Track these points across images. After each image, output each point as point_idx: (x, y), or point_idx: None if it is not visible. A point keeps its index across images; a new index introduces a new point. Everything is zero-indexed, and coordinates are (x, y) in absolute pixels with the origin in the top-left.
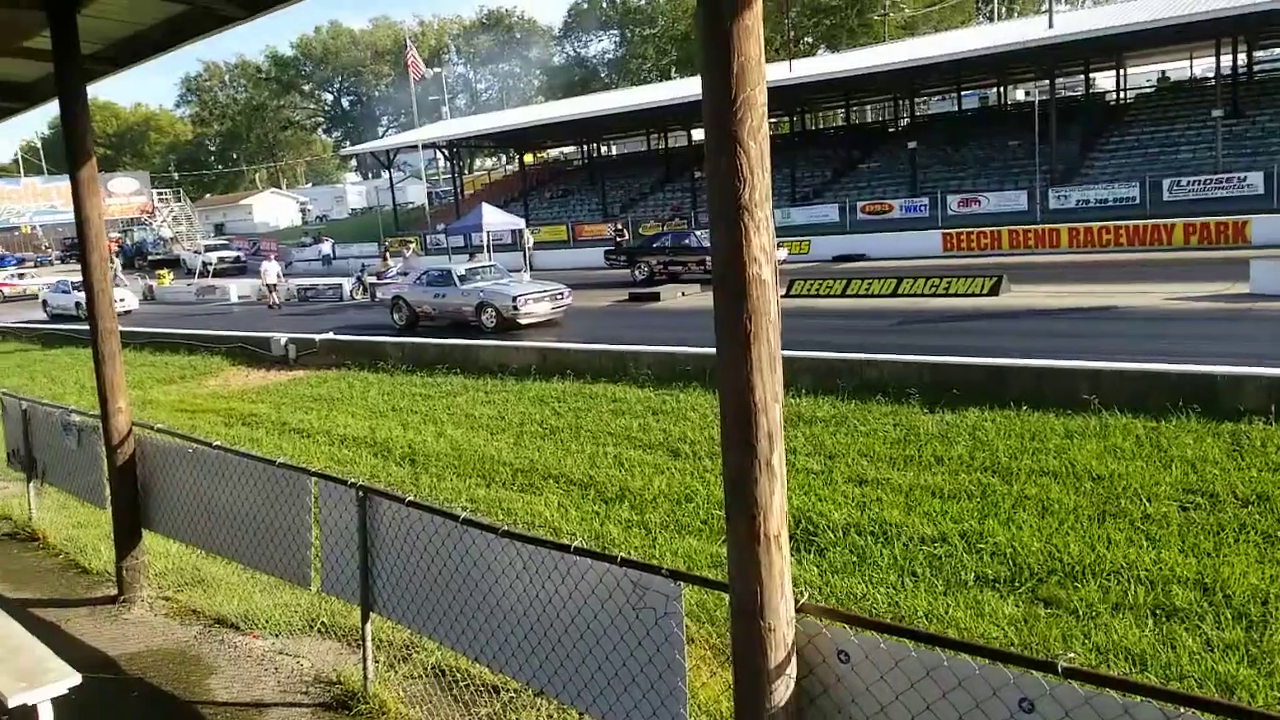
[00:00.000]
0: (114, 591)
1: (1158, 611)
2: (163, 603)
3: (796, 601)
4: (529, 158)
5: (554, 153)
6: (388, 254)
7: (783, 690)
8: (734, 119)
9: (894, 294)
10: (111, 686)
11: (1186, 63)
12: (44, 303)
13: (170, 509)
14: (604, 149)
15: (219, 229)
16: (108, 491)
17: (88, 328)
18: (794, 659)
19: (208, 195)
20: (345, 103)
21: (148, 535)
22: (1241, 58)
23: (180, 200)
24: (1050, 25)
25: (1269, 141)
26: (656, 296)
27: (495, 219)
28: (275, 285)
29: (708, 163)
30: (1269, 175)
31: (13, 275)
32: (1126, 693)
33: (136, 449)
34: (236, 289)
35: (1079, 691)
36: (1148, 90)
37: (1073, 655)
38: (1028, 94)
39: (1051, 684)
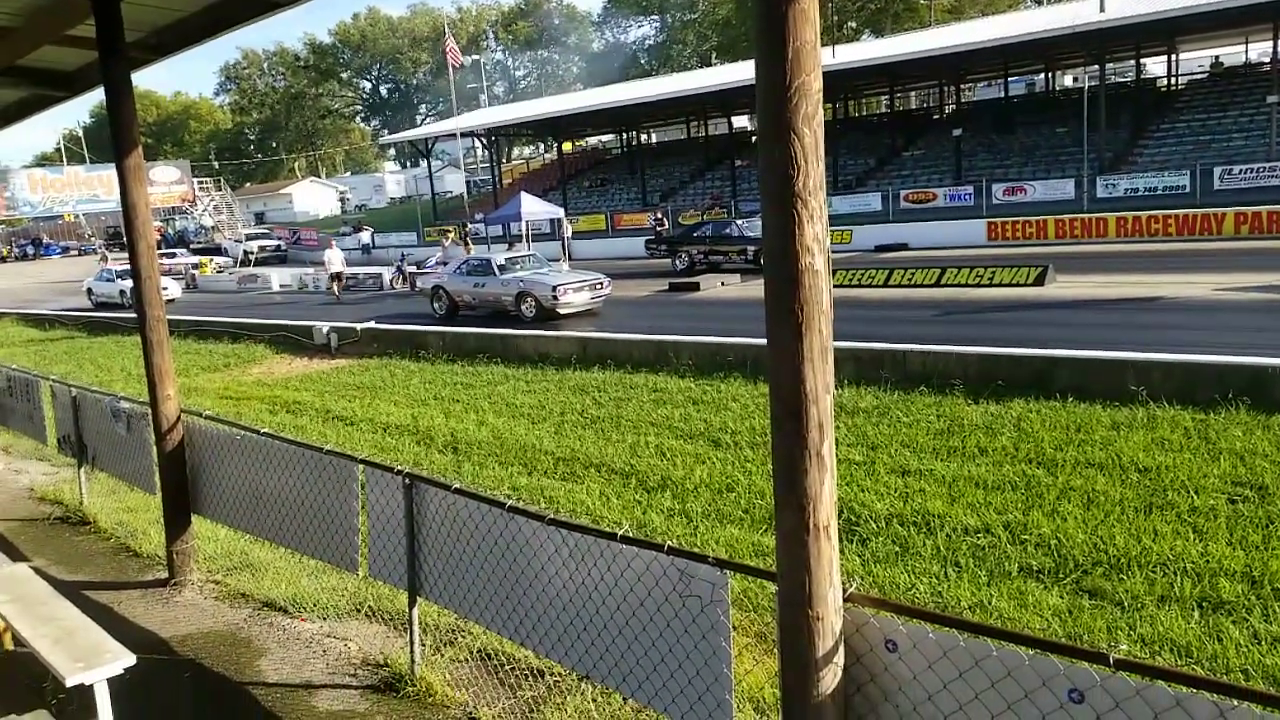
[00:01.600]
0: (164, 575)
1: (1204, 604)
2: (212, 586)
3: (844, 591)
4: (567, 146)
5: (592, 141)
6: (450, 239)
7: (830, 679)
8: (788, 105)
9: (937, 284)
10: (164, 667)
11: (1241, 47)
12: (88, 290)
13: (219, 494)
14: (643, 137)
15: (259, 218)
16: (157, 477)
17: (133, 315)
18: (841, 647)
19: (247, 184)
20: (383, 90)
21: (196, 520)
22: None
23: (221, 189)
24: (1101, 9)
25: None
26: (696, 286)
27: (534, 208)
28: (341, 274)
29: (760, 150)
30: None
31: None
32: (1178, 684)
33: (185, 435)
34: (278, 277)
35: (1130, 683)
36: (1200, 76)
37: (1124, 647)
38: (1076, 80)
39: (1102, 675)
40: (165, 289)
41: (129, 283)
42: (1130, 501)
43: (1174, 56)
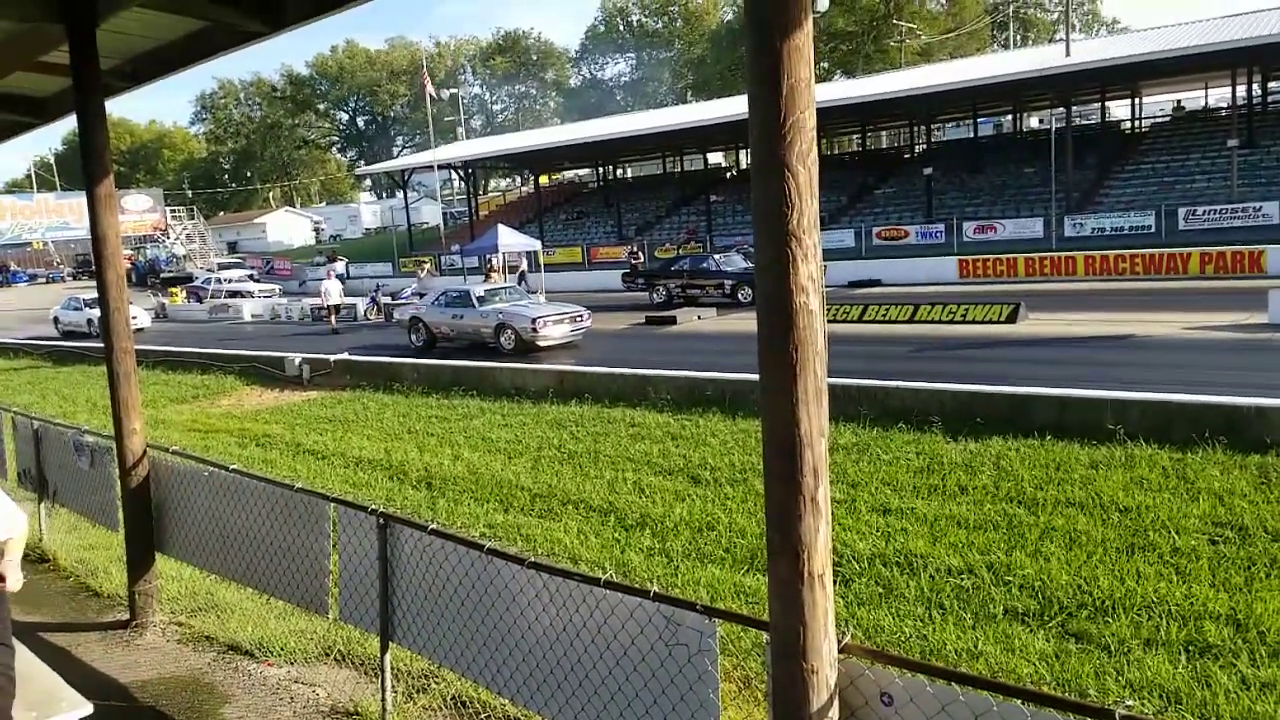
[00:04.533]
0: (126, 616)
1: (1190, 648)
2: (175, 628)
3: (839, 641)
4: (544, 179)
5: (569, 174)
6: (427, 270)
7: None
8: (783, 143)
9: (911, 320)
10: (123, 716)
11: (1202, 92)
12: (55, 319)
13: (184, 532)
14: (619, 171)
15: (232, 247)
16: (120, 514)
17: (99, 345)
18: (836, 701)
19: (221, 213)
20: (360, 122)
21: (160, 559)
22: (1256, 88)
23: (193, 218)
24: (1067, 53)
25: None
26: (673, 320)
27: (511, 240)
28: (338, 306)
29: (754, 187)
30: None
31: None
32: None
33: (151, 471)
34: (249, 307)
35: None
36: (1163, 119)
37: (1131, 703)
38: (1042, 121)
39: None
40: (134, 319)
41: (96, 311)
42: (1112, 542)
43: (1137, 100)
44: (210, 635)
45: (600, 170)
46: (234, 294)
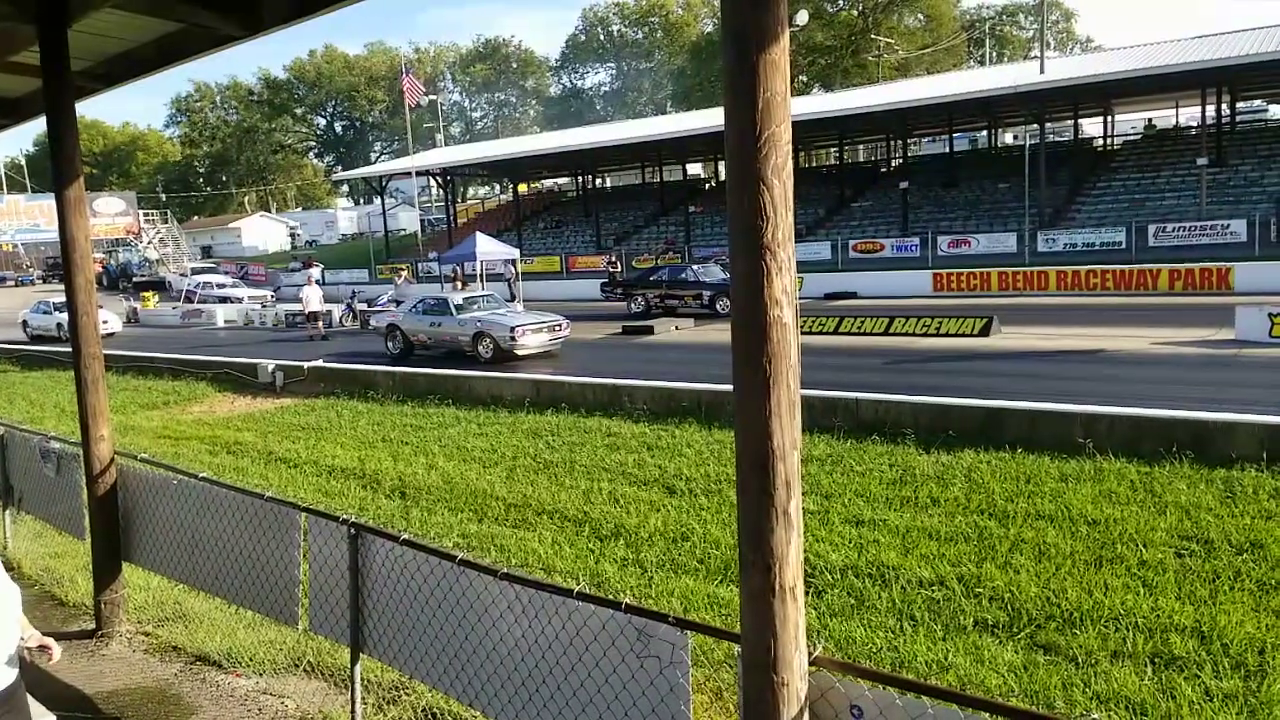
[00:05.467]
0: (91, 625)
1: (1156, 660)
2: (142, 638)
3: (810, 654)
4: (523, 187)
5: (548, 183)
6: (404, 277)
7: None
8: (758, 156)
9: (886, 333)
10: None
11: (1173, 111)
12: (23, 323)
13: (152, 541)
14: (598, 181)
15: (206, 252)
16: (87, 521)
17: (68, 349)
18: (806, 714)
19: (195, 217)
20: (338, 127)
21: (128, 568)
22: (1225, 108)
23: (167, 221)
24: (1042, 70)
25: (1251, 190)
26: (650, 330)
27: (489, 248)
28: (320, 314)
29: (730, 200)
30: (1251, 223)
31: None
32: None
33: (118, 479)
34: (223, 313)
35: None
36: (1134, 137)
37: (1095, 717)
38: (1017, 137)
39: None
40: (105, 323)
41: (65, 315)
42: (1081, 554)
43: (1110, 117)
44: (178, 645)
45: (579, 179)
46: (223, 299)
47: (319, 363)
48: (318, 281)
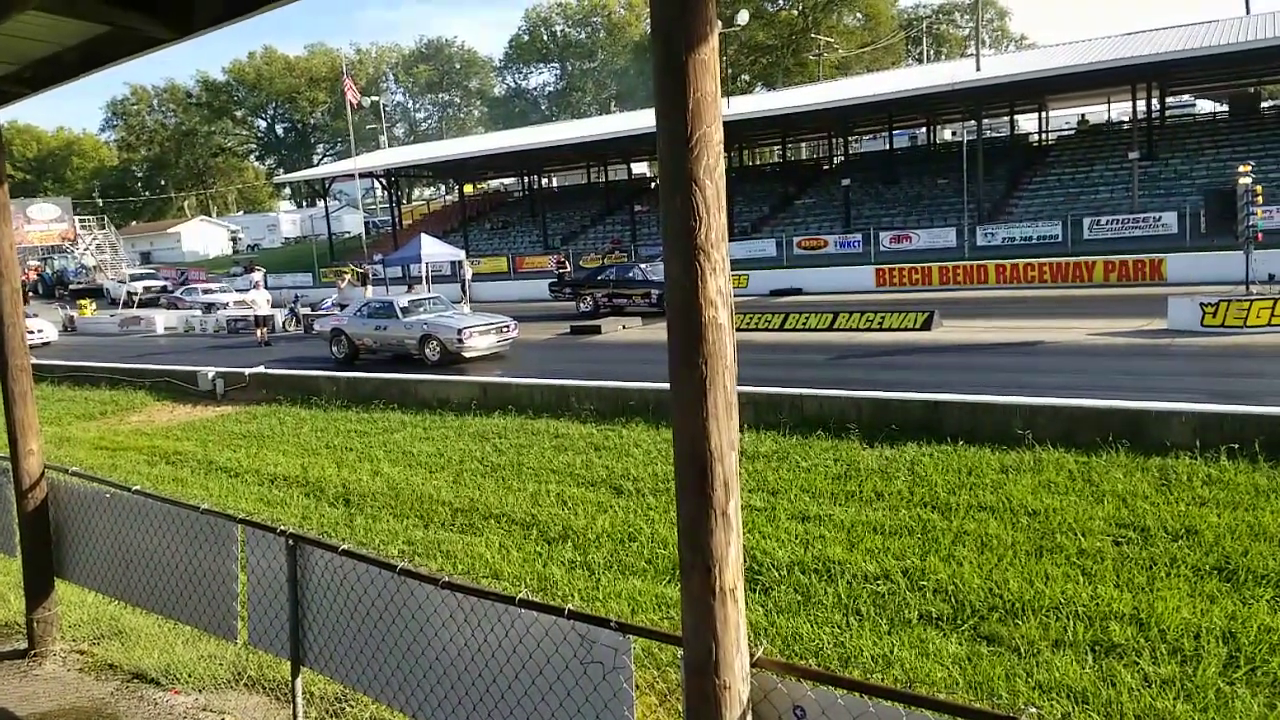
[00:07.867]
0: (24, 645)
1: (1096, 647)
2: (77, 656)
3: (752, 655)
4: (469, 188)
5: (494, 184)
6: (347, 280)
7: None
8: (690, 156)
9: (830, 328)
10: None
11: (1105, 106)
12: None
13: (85, 557)
14: (544, 181)
15: (145, 257)
16: (17, 538)
17: None
18: (749, 716)
19: (134, 223)
20: (279, 130)
21: (61, 585)
22: (1155, 103)
23: (104, 227)
24: (978, 68)
25: (1181, 183)
26: (598, 329)
27: (434, 249)
28: (269, 318)
29: (662, 201)
30: (1182, 215)
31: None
32: None
33: (49, 494)
34: (163, 320)
35: None
36: (1068, 132)
37: (1034, 709)
38: (955, 134)
39: None
40: (40, 331)
41: None
42: (1022, 545)
43: (1044, 114)
44: (114, 663)
45: (525, 180)
46: (209, 306)
47: (261, 369)
48: (257, 285)
